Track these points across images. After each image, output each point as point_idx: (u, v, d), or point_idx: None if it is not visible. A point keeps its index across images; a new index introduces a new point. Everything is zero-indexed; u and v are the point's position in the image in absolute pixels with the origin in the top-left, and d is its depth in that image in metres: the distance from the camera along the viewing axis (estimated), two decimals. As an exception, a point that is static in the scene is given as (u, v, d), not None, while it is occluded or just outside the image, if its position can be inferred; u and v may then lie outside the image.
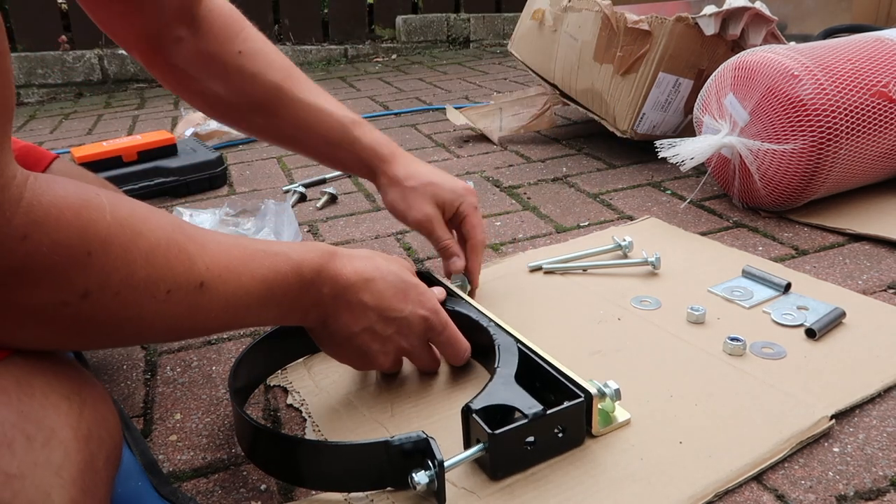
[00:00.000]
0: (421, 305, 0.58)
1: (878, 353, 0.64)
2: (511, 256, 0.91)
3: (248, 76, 0.70)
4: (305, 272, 0.52)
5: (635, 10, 1.23)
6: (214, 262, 0.44)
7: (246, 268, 0.47)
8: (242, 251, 0.47)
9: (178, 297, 0.42)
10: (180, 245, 0.42)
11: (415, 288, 0.58)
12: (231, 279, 0.45)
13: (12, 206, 0.34)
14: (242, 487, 0.54)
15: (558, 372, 0.55)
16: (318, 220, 1.10)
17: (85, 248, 0.36)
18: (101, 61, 2.58)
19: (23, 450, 0.34)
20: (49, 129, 1.99)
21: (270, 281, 0.49)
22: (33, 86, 2.52)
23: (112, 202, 0.39)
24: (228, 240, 0.48)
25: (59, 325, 0.38)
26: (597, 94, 1.29)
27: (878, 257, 0.85)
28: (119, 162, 1.23)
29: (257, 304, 0.48)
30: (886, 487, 0.50)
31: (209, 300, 0.44)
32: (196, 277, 0.43)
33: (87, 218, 0.37)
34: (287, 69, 0.73)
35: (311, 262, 0.52)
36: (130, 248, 0.39)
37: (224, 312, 0.46)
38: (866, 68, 0.92)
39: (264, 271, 0.48)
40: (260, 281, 0.48)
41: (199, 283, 0.43)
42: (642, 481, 0.50)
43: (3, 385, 0.36)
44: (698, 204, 1.06)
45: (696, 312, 0.70)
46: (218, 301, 0.45)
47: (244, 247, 0.48)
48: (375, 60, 2.86)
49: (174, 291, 0.41)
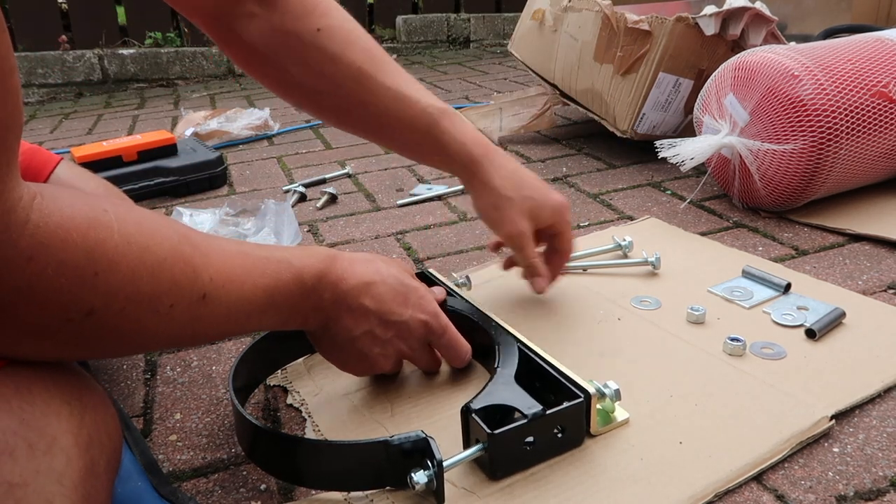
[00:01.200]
0: (421, 309, 0.58)
1: (878, 353, 0.64)
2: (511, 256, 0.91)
3: (327, 57, 0.64)
4: (307, 278, 0.51)
5: (635, 10, 1.23)
6: (218, 273, 0.44)
7: (248, 276, 0.47)
8: (245, 259, 0.47)
9: (180, 310, 0.41)
10: (186, 257, 0.42)
11: (415, 291, 0.58)
12: (233, 289, 0.45)
13: (18, 229, 0.33)
14: (242, 487, 0.54)
15: (558, 372, 0.55)
16: (318, 219, 1.10)
17: (92, 269, 0.36)
18: (101, 61, 2.58)
19: (25, 458, 0.34)
20: (49, 128, 1.99)
21: (272, 289, 0.48)
22: (33, 86, 2.52)
23: (120, 217, 0.39)
24: (232, 247, 0.47)
25: (60, 339, 0.38)
26: (597, 94, 1.29)
27: (878, 257, 0.85)
28: (119, 162, 1.23)
29: (258, 311, 0.48)
30: (886, 488, 0.50)
31: (211, 311, 0.44)
32: (199, 289, 0.43)
33: (95, 238, 0.36)
34: (369, 49, 0.66)
35: (313, 268, 0.52)
36: (137, 265, 0.39)
37: (225, 321, 0.46)
38: (866, 68, 0.92)
39: (266, 280, 0.48)
40: (262, 289, 0.47)
41: (202, 294, 0.43)
42: (642, 481, 0.50)
43: (4, 392, 0.36)
44: (698, 204, 1.06)
45: (696, 312, 0.70)
46: (219, 311, 0.45)
47: (247, 254, 0.48)
48: (375, 60, 2.85)
49: (177, 305, 0.41)
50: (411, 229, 1.03)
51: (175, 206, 1.16)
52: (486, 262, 0.90)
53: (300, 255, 0.52)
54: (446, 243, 0.97)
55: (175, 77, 2.67)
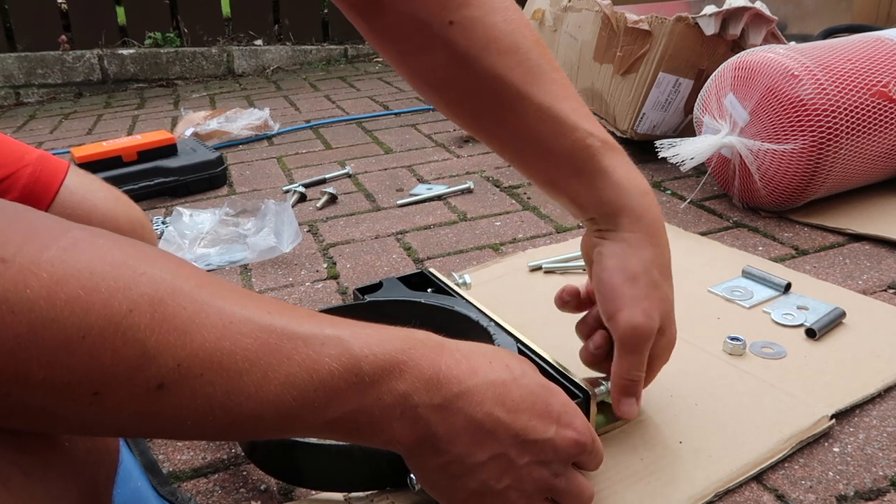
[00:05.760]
0: (568, 424, 0.42)
1: (878, 353, 0.64)
2: (511, 256, 0.91)
3: (458, 58, 0.50)
4: (367, 370, 0.36)
5: (635, 10, 1.23)
6: (194, 356, 0.32)
7: (254, 363, 0.33)
8: (258, 337, 0.34)
9: (114, 401, 0.31)
10: (131, 331, 0.31)
11: (558, 396, 0.43)
12: (219, 380, 0.33)
13: None
14: (242, 487, 0.54)
15: (557, 372, 0.55)
16: (318, 220, 1.10)
17: None
18: (101, 61, 2.58)
19: (19, 486, 0.32)
20: (49, 129, 1.99)
21: (303, 383, 0.34)
22: (33, 86, 2.52)
23: (53, 262, 0.29)
24: (244, 315, 0.34)
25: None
26: (597, 94, 1.29)
27: (878, 257, 0.85)
28: (119, 162, 1.23)
29: (277, 414, 0.34)
30: (886, 487, 0.50)
31: (177, 405, 0.32)
32: (151, 378, 0.31)
33: None
34: (517, 52, 0.51)
35: (385, 357, 0.37)
36: (37, 333, 0.29)
37: (213, 422, 0.34)
38: (866, 68, 0.92)
39: (293, 368, 0.34)
40: (279, 383, 0.34)
41: (157, 384, 0.31)
42: (642, 481, 0.50)
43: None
44: (698, 204, 1.06)
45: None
46: (194, 407, 0.33)
47: (267, 329, 0.34)
48: (375, 60, 2.85)
49: (106, 394, 0.31)
50: (411, 229, 1.03)
51: (175, 206, 1.16)
52: (486, 262, 0.90)
53: (370, 334, 0.37)
54: (446, 243, 0.97)
55: (175, 77, 2.67)
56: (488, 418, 0.39)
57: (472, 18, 0.50)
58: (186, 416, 0.33)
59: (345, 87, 2.27)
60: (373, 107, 1.92)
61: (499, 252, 0.93)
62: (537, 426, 0.40)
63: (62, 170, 0.67)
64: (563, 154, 0.51)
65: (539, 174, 0.55)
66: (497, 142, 0.55)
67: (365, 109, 1.88)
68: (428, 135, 1.58)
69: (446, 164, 1.34)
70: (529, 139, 0.52)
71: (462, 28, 0.50)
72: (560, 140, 0.51)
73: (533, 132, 0.51)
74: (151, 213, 1.19)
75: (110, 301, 0.30)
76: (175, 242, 0.97)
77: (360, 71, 2.62)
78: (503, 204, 1.11)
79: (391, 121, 1.75)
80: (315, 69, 2.73)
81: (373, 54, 2.93)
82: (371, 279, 0.86)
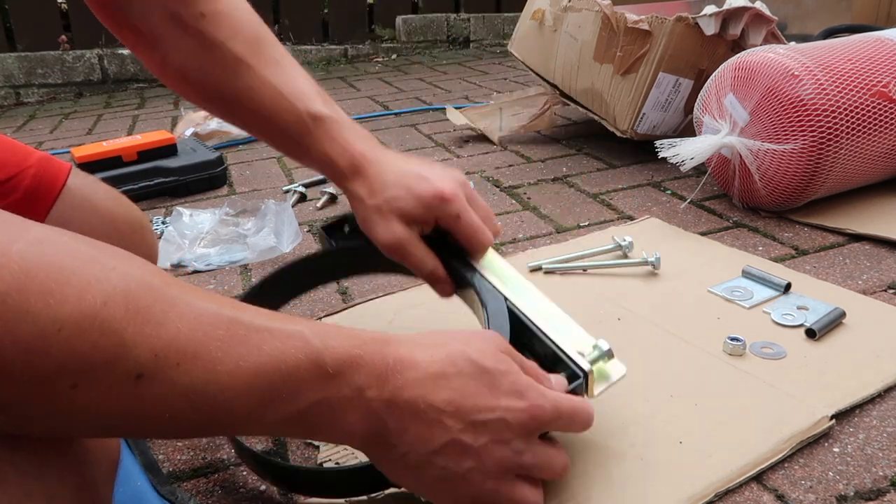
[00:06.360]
0: (517, 395, 0.43)
1: (878, 353, 0.64)
2: (511, 256, 0.91)
3: (207, 47, 0.58)
4: (329, 362, 0.38)
5: (635, 10, 1.23)
6: (170, 346, 0.33)
7: (228, 353, 0.35)
8: (229, 329, 0.35)
9: (95, 392, 0.31)
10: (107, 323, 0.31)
11: (504, 375, 0.43)
12: (196, 370, 0.34)
13: None
14: (242, 487, 0.54)
15: (556, 346, 0.52)
16: (318, 220, 1.10)
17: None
18: (101, 61, 2.58)
19: (14, 485, 0.32)
20: (49, 129, 1.99)
21: (270, 373, 0.36)
22: (33, 86, 2.52)
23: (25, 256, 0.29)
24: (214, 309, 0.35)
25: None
26: (597, 94, 1.29)
27: (878, 257, 0.85)
28: (119, 162, 1.23)
29: (248, 404, 0.36)
30: (887, 487, 0.50)
31: (157, 395, 0.33)
32: (130, 367, 0.32)
33: None
34: (254, 39, 0.59)
35: (341, 351, 0.38)
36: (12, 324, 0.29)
37: (192, 412, 0.34)
38: (866, 68, 0.92)
39: (262, 358, 0.36)
40: (249, 373, 0.35)
41: (136, 374, 0.32)
42: (642, 481, 0.50)
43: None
44: (698, 204, 1.06)
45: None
46: (173, 397, 0.33)
47: (236, 322, 0.36)
48: (375, 60, 2.86)
49: (84, 386, 0.31)
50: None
51: (175, 206, 1.16)
52: (486, 262, 0.90)
53: (326, 331, 0.39)
54: (446, 243, 0.97)
55: (175, 77, 2.67)
56: (431, 408, 0.40)
57: (220, 11, 0.58)
58: (164, 408, 0.34)
59: (345, 88, 2.27)
60: (373, 107, 1.92)
61: (499, 252, 0.93)
62: (482, 407, 0.41)
63: (64, 171, 0.67)
64: (285, 131, 0.59)
65: (276, 145, 0.63)
66: (240, 119, 0.63)
67: (365, 109, 1.88)
68: (428, 135, 1.58)
69: (446, 165, 1.34)
70: (262, 118, 0.60)
71: (212, 20, 0.58)
72: (281, 117, 0.59)
73: (262, 111, 0.59)
74: (151, 213, 1.19)
75: (84, 294, 0.30)
76: (175, 242, 0.97)
77: (360, 71, 2.62)
78: (503, 204, 1.11)
79: (391, 121, 1.75)
80: (315, 69, 2.73)
81: (373, 54, 2.93)
82: (371, 279, 0.86)
